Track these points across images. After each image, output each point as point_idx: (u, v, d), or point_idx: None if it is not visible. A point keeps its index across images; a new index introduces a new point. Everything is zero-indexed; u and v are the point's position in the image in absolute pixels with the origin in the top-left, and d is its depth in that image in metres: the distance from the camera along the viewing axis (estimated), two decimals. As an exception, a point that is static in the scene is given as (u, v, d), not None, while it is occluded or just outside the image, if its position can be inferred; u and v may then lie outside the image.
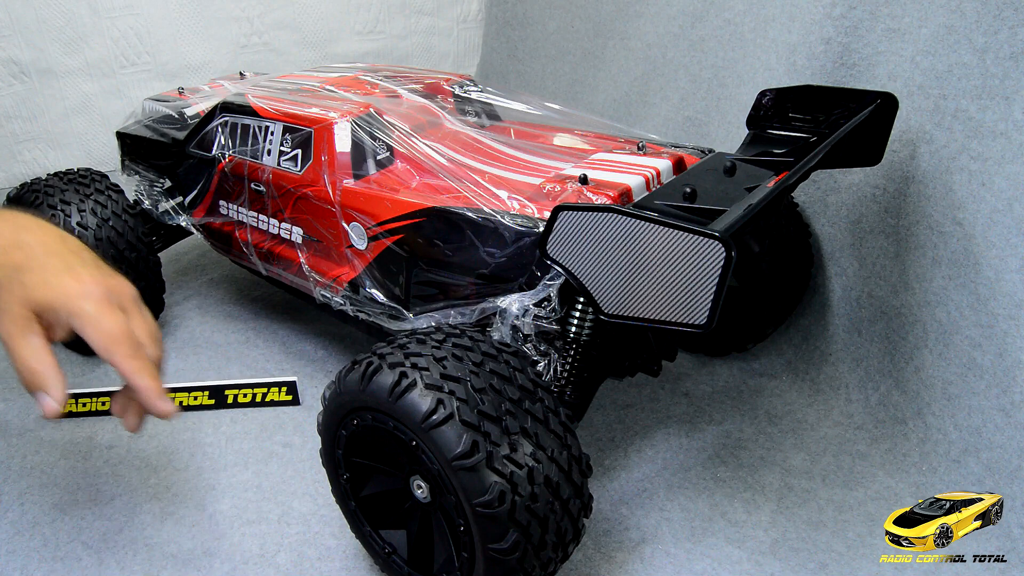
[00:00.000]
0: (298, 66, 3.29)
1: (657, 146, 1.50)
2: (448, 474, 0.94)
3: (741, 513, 1.34)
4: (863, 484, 1.40)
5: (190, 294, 2.20)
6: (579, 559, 1.25)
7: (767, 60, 1.84)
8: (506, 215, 1.23)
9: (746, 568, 1.23)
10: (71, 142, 3.23)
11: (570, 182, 1.31)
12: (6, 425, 1.66)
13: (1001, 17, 1.28)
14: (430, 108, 1.63)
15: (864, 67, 1.57)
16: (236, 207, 1.75)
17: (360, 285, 1.49)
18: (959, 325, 1.35)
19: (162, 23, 3.17)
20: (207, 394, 1.67)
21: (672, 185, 1.18)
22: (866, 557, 1.24)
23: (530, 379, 1.04)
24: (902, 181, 1.47)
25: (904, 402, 1.48)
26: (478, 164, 1.45)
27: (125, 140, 2.06)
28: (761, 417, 1.59)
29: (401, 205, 1.36)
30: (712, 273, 0.92)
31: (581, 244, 1.04)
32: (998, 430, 1.28)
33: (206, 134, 1.79)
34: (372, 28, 3.55)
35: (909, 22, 1.48)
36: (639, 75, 2.42)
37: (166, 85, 3.19)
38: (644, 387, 1.69)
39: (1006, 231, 1.26)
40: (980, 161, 1.31)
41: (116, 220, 1.81)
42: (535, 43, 3.03)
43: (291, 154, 1.57)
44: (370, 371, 1.01)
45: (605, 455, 1.49)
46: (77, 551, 1.30)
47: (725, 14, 2.05)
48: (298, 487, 1.43)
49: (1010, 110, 1.27)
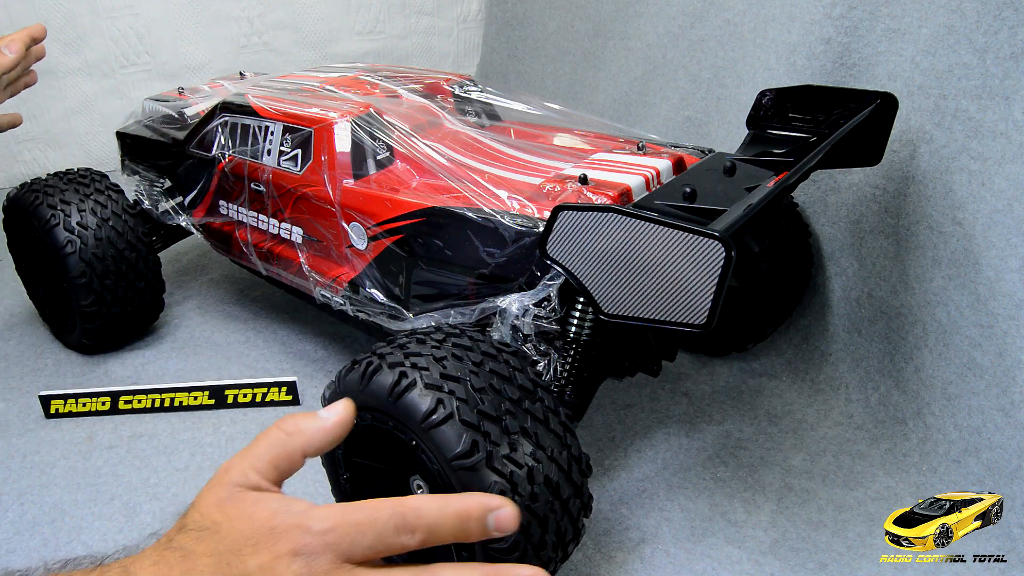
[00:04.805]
0: (298, 66, 3.28)
1: (657, 146, 1.49)
2: (448, 474, 0.94)
3: (741, 513, 1.34)
4: (863, 484, 1.40)
5: (190, 294, 2.20)
6: (579, 559, 1.25)
7: (767, 60, 1.84)
8: (506, 215, 1.23)
9: (746, 568, 1.23)
10: (71, 142, 3.23)
11: (570, 182, 1.31)
12: (6, 425, 1.66)
13: (1001, 17, 1.28)
14: (430, 108, 1.63)
15: (864, 67, 1.57)
16: (236, 207, 1.75)
17: (360, 285, 1.49)
18: (959, 325, 1.35)
19: (162, 23, 3.17)
20: (207, 394, 1.67)
21: (672, 185, 1.18)
22: (866, 557, 1.24)
23: (530, 379, 1.04)
24: (902, 181, 1.47)
25: (904, 402, 1.48)
26: (478, 164, 1.45)
27: (125, 140, 2.06)
28: (761, 417, 1.59)
29: (401, 205, 1.36)
30: (712, 273, 0.92)
31: (581, 244, 1.04)
32: (998, 430, 1.28)
33: (206, 134, 1.79)
34: (372, 28, 3.55)
35: (909, 22, 1.48)
36: (639, 75, 2.42)
37: (166, 85, 3.19)
38: (644, 387, 1.69)
39: (1006, 231, 1.26)
40: (980, 161, 1.31)
41: (116, 220, 1.81)
42: (535, 43, 3.03)
43: (291, 154, 1.57)
44: (370, 371, 1.01)
45: (605, 455, 1.49)
46: (77, 551, 1.30)
47: (725, 14, 2.04)
48: (298, 487, 1.43)
49: (1010, 110, 1.27)
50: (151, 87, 3.21)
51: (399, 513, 0.46)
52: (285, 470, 0.50)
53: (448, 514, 0.46)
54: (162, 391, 1.68)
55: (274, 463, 0.50)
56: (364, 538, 0.45)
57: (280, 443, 0.50)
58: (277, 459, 0.50)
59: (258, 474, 0.49)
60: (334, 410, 0.52)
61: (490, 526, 0.47)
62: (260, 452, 0.50)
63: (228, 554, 0.46)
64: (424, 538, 0.46)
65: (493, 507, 0.46)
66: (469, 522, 0.46)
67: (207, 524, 0.47)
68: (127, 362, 1.88)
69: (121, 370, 1.85)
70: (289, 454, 0.50)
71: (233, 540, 0.46)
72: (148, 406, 1.68)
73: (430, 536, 0.46)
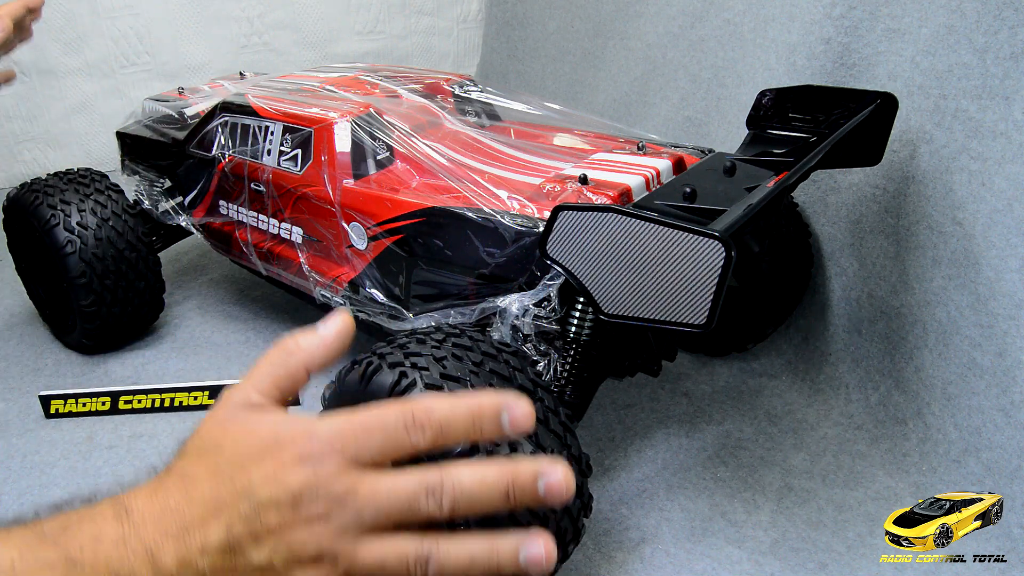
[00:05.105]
0: (298, 66, 3.28)
1: (657, 146, 1.49)
2: (448, 474, 0.94)
3: (741, 513, 1.34)
4: (863, 484, 1.40)
5: (190, 294, 2.20)
6: (579, 559, 1.25)
7: (767, 60, 1.84)
8: (506, 215, 1.23)
9: (746, 568, 1.23)
10: (71, 142, 3.23)
11: (570, 182, 1.31)
12: (6, 425, 1.66)
13: (1001, 17, 1.28)
14: (430, 108, 1.63)
15: (864, 67, 1.57)
16: (236, 207, 1.75)
17: (360, 285, 1.49)
18: (959, 325, 1.35)
19: (162, 23, 3.17)
20: (207, 394, 1.67)
21: (672, 185, 1.18)
22: (866, 557, 1.24)
23: (530, 379, 1.04)
24: (902, 181, 1.47)
25: (904, 402, 1.48)
26: (478, 164, 1.45)
27: (125, 140, 2.06)
28: (761, 417, 1.59)
29: (401, 205, 1.36)
30: (712, 273, 0.92)
31: (581, 244, 1.04)
32: (998, 430, 1.28)
33: (206, 134, 1.79)
34: (372, 28, 3.55)
35: (909, 22, 1.48)
36: (639, 75, 2.42)
37: (166, 85, 3.18)
38: (644, 387, 1.69)
39: (1006, 231, 1.26)
40: (980, 161, 1.31)
41: (116, 220, 1.81)
42: (535, 43, 3.03)
43: (291, 154, 1.57)
44: (370, 371, 1.01)
45: (605, 455, 1.49)
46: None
47: (725, 14, 2.05)
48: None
49: (1010, 110, 1.27)
50: (151, 87, 3.21)
51: (407, 411, 0.44)
52: (288, 389, 0.48)
53: (459, 411, 0.43)
54: (162, 391, 1.68)
55: (276, 383, 0.48)
56: (372, 440, 0.43)
57: (281, 362, 0.48)
58: (279, 379, 0.48)
59: (261, 394, 0.47)
60: (333, 323, 0.50)
61: (505, 424, 0.44)
62: (262, 373, 0.48)
63: (230, 468, 0.43)
64: (435, 436, 0.44)
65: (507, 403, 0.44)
66: (482, 419, 0.44)
67: (207, 445, 0.45)
68: (127, 362, 1.88)
69: (121, 370, 1.85)
70: (291, 372, 0.48)
71: (235, 455, 0.43)
72: (148, 406, 1.68)
73: (441, 434, 0.44)
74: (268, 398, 0.47)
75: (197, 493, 0.43)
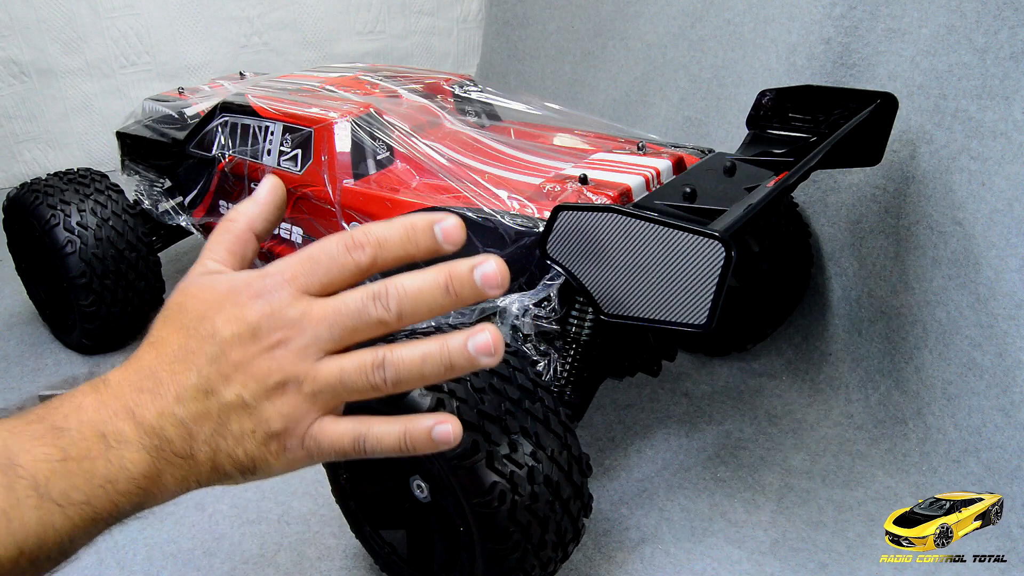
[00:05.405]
0: (298, 66, 3.28)
1: (657, 146, 1.49)
2: (448, 474, 0.94)
3: (741, 513, 1.34)
4: (863, 484, 1.40)
5: (190, 294, 2.19)
6: (579, 559, 1.25)
7: (767, 60, 1.84)
8: (506, 215, 1.23)
9: (746, 568, 1.23)
10: (71, 142, 3.23)
11: (570, 182, 1.31)
12: (6, 425, 1.66)
13: (1001, 17, 1.28)
14: (430, 108, 1.63)
15: (864, 67, 1.57)
16: (236, 207, 1.75)
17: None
18: (959, 325, 1.35)
19: (162, 23, 3.17)
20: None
21: (672, 185, 1.18)
22: (866, 557, 1.24)
23: (530, 379, 1.04)
24: (902, 181, 1.47)
25: (904, 402, 1.48)
26: (478, 164, 1.45)
27: (125, 140, 2.06)
28: (761, 417, 1.59)
29: (401, 205, 1.36)
30: (712, 273, 0.92)
31: (581, 244, 1.04)
32: (998, 430, 1.28)
33: (206, 134, 1.79)
34: (372, 28, 3.55)
35: (909, 22, 1.48)
36: (639, 75, 2.42)
37: (166, 85, 3.19)
38: (644, 387, 1.69)
39: (1006, 231, 1.26)
40: (980, 161, 1.31)
41: (116, 220, 1.81)
42: (535, 43, 3.03)
43: (291, 154, 1.57)
44: (370, 371, 1.01)
45: (605, 455, 1.49)
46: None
47: (725, 14, 2.05)
48: (298, 487, 1.43)
49: (1010, 110, 1.27)
50: (151, 87, 3.21)
51: (347, 235, 0.47)
52: (241, 254, 0.52)
53: (394, 227, 0.47)
54: (162, 391, 1.67)
55: (228, 248, 0.51)
56: (318, 266, 0.46)
57: (226, 230, 0.52)
58: (229, 243, 0.51)
59: (216, 262, 0.50)
60: (263, 186, 0.54)
61: (439, 236, 0.47)
62: (212, 244, 0.51)
63: (195, 321, 0.46)
64: (374, 252, 0.46)
65: (438, 218, 0.47)
66: (415, 232, 0.47)
67: (172, 312, 0.48)
68: (127, 362, 1.88)
69: (121, 370, 1.85)
70: (238, 236, 0.52)
71: (197, 310, 0.47)
72: (148, 406, 1.67)
73: (380, 250, 0.47)
74: (224, 264, 0.51)
75: (167, 350, 0.46)
